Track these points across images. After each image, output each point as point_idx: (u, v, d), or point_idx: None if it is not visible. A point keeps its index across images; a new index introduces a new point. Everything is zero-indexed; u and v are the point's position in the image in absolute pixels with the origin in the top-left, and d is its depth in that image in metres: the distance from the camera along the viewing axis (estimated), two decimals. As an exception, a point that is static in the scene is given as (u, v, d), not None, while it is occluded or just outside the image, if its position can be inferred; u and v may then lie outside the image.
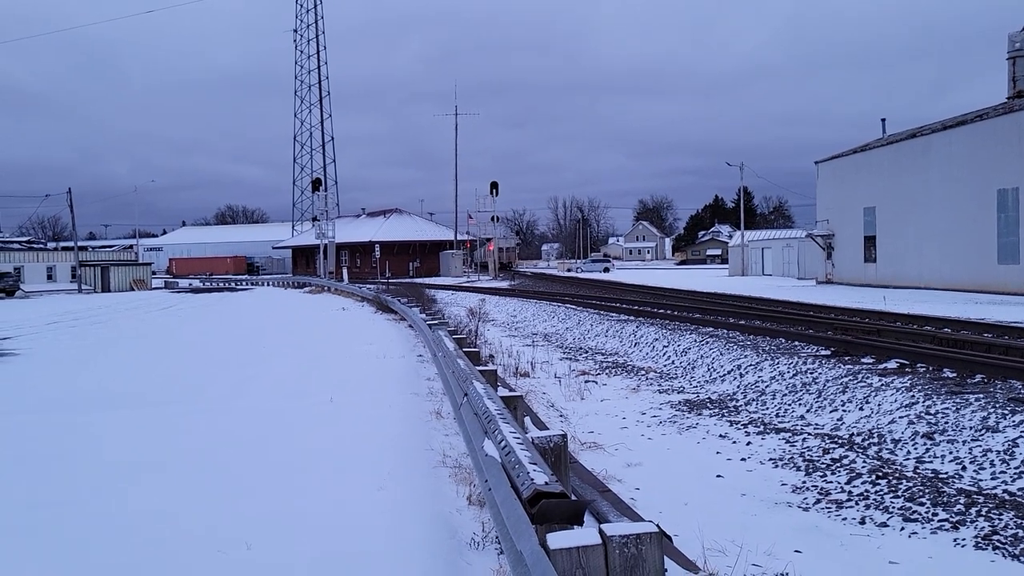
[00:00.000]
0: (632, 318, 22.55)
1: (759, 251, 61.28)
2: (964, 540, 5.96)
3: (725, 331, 17.90)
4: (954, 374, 10.96)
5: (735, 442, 9.31)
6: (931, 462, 7.83)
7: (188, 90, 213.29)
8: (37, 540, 5.64)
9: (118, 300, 45.77)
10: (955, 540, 5.98)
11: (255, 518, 5.95)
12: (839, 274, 40.62)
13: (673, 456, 8.83)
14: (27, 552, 5.41)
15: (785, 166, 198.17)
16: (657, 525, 3.51)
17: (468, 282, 58.27)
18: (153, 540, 5.55)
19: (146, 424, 9.78)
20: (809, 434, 9.37)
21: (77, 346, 20.05)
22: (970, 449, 7.86)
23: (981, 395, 9.40)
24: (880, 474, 7.57)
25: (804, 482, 7.62)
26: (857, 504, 6.90)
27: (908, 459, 8.01)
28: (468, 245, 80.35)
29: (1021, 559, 5.57)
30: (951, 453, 7.91)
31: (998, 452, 7.61)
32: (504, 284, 53.37)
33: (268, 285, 66.96)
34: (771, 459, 8.48)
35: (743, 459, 8.57)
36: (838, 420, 9.79)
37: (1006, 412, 8.45)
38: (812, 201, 45.83)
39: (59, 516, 6.13)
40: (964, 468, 7.51)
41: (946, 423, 8.62)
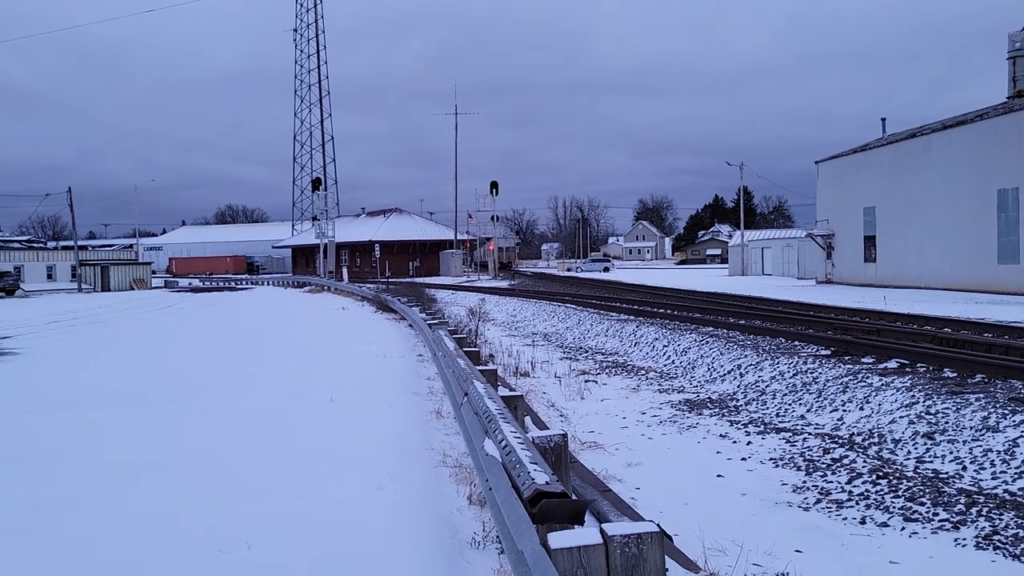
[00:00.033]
0: (632, 318, 22.54)
1: (759, 251, 61.29)
2: (965, 540, 5.96)
3: (725, 331, 17.90)
4: (954, 374, 10.96)
5: (735, 442, 9.30)
6: (932, 462, 7.83)
7: (188, 89, 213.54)
8: (37, 540, 5.63)
9: (118, 299, 45.77)
10: (956, 540, 5.98)
11: (255, 518, 5.95)
12: (839, 274, 40.63)
13: (673, 456, 8.83)
14: (27, 552, 5.41)
15: (785, 166, 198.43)
16: (658, 525, 3.51)
17: (468, 282, 58.26)
18: (153, 540, 5.55)
19: (146, 423, 9.78)
20: (809, 434, 9.37)
21: (77, 345, 20.05)
22: (971, 449, 7.86)
23: (981, 395, 9.39)
24: (880, 474, 7.57)
25: (804, 482, 7.62)
26: (858, 504, 6.90)
27: (908, 459, 8.01)
28: (468, 245, 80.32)
29: (1022, 559, 5.57)
30: (952, 453, 7.91)
31: (999, 452, 7.61)
32: (504, 284, 53.37)
33: (268, 284, 66.97)
34: (771, 459, 8.48)
35: (743, 459, 8.56)
36: (838, 420, 9.79)
37: (1006, 412, 8.45)
38: (812, 201, 45.89)
39: (59, 516, 6.13)
40: (965, 468, 7.51)
41: (946, 423, 8.61)
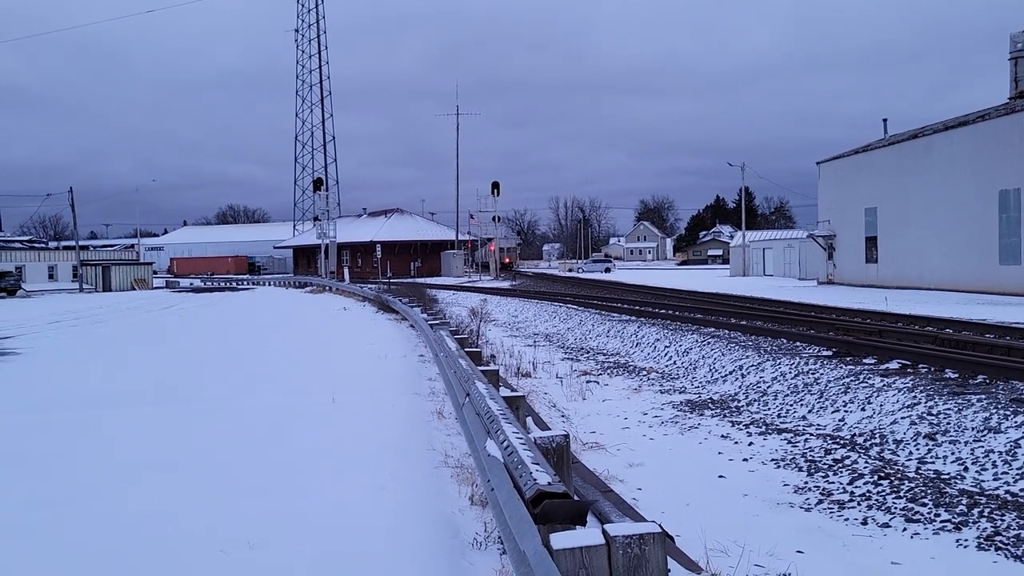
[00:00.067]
0: (633, 318, 22.54)
1: (760, 251, 61.28)
2: (966, 541, 5.95)
3: (727, 331, 17.89)
4: (956, 375, 10.94)
5: (737, 442, 9.30)
6: (933, 463, 7.83)
7: (190, 90, 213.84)
8: (38, 540, 5.64)
9: (119, 299, 45.80)
10: (957, 541, 5.98)
11: (257, 517, 5.96)
12: (840, 275, 40.61)
13: (675, 456, 8.83)
14: (28, 551, 5.41)
15: (786, 166, 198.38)
16: (660, 525, 3.51)
17: (469, 282, 58.26)
18: (154, 539, 5.55)
19: (147, 423, 9.79)
20: (811, 435, 9.37)
21: (78, 345, 20.06)
22: (972, 450, 7.85)
23: (983, 396, 9.39)
24: (882, 475, 7.56)
25: (806, 483, 7.62)
26: (859, 505, 6.90)
27: (910, 460, 8.01)
28: (469, 245, 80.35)
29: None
30: (953, 454, 7.90)
31: (1000, 453, 7.60)
32: (505, 284, 53.37)
33: (269, 285, 66.98)
34: (773, 459, 8.48)
35: (745, 459, 8.56)
36: (840, 421, 9.78)
37: (1008, 413, 8.44)
38: (813, 201, 45.90)
39: (59, 516, 6.13)
40: (966, 469, 7.50)
41: (948, 424, 8.61)
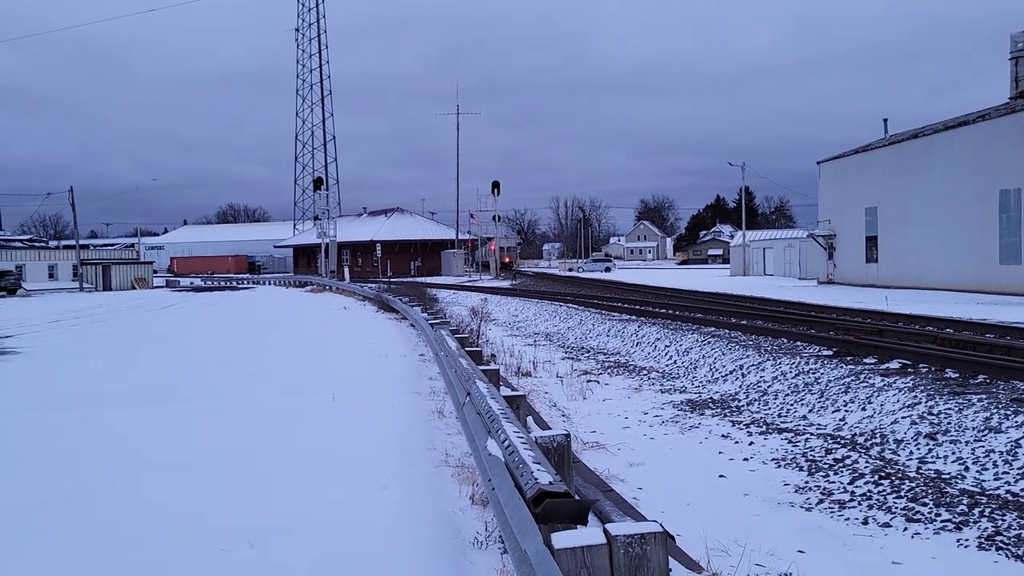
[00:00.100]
0: (634, 318, 22.54)
1: (760, 251, 61.25)
2: (967, 541, 5.95)
3: (727, 331, 17.89)
4: (956, 375, 10.95)
5: (737, 442, 9.30)
6: (934, 462, 7.83)
7: (190, 89, 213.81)
8: (38, 539, 5.64)
9: (120, 299, 45.81)
10: (958, 541, 5.98)
11: (258, 517, 5.96)
12: (840, 274, 40.60)
13: (676, 456, 8.83)
14: (29, 550, 5.42)
15: (787, 166, 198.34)
16: (661, 525, 3.51)
17: (470, 281, 58.27)
18: (155, 539, 5.55)
19: (147, 423, 9.79)
20: (811, 434, 9.37)
21: (78, 345, 20.07)
22: (973, 450, 7.85)
23: (984, 396, 9.39)
24: (883, 474, 7.56)
25: (807, 482, 7.62)
26: (860, 504, 6.90)
27: (911, 459, 8.01)
28: (469, 244, 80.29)
29: (1024, 560, 5.56)
30: (954, 454, 7.90)
31: (1001, 453, 7.60)
32: (506, 284, 53.37)
33: (269, 284, 67.00)
34: (774, 459, 8.48)
35: (746, 459, 8.56)
36: (840, 420, 9.78)
37: (1009, 413, 8.44)
38: (814, 201, 45.90)
39: (60, 515, 6.14)
40: (967, 469, 7.50)
41: (949, 424, 8.61)
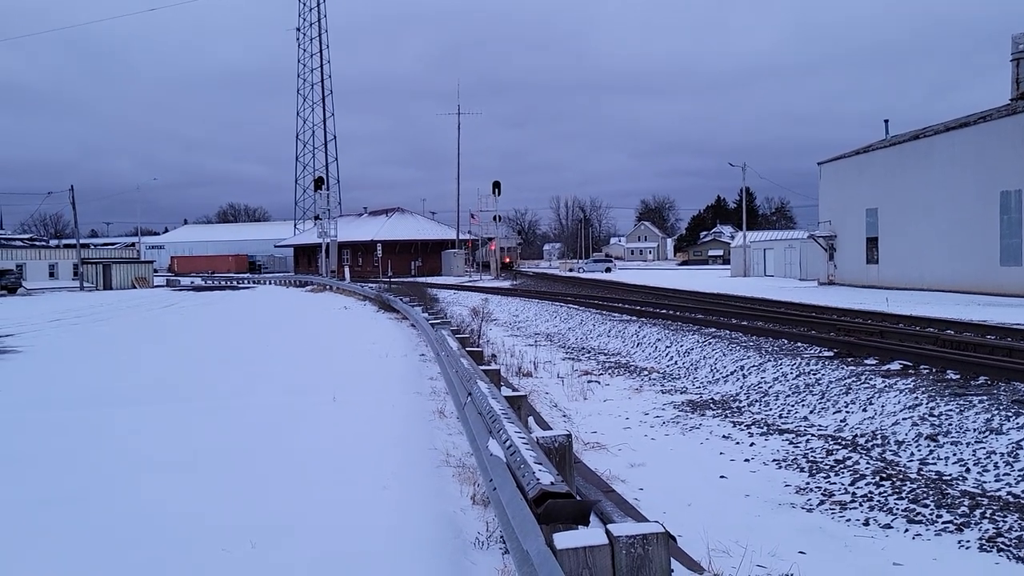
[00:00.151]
0: (634, 318, 22.54)
1: (761, 252, 61.25)
2: (968, 542, 5.95)
3: (728, 332, 17.89)
4: (957, 376, 10.94)
5: (738, 443, 9.30)
6: (935, 464, 7.83)
7: (191, 88, 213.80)
8: (39, 538, 5.64)
9: (120, 298, 45.82)
10: (959, 542, 5.98)
11: (259, 517, 5.96)
12: (841, 275, 40.59)
13: (676, 457, 8.83)
14: (29, 549, 5.41)
15: (788, 167, 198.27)
16: (662, 526, 3.51)
17: (470, 282, 58.26)
18: (156, 538, 5.55)
19: (148, 422, 9.79)
20: (812, 435, 9.37)
21: (79, 344, 20.07)
22: (974, 451, 7.85)
23: (985, 397, 9.38)
24: (884, 475, 7.56)
25: (808, 483, 7.62)
26: (861, 505, 6.90)
27: (912, 461, 8.00)
28: (470, 244, 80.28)
29: (1026, 561, 5.56)
30: (955, 455, 7.90)
31: (1002, 454, 7.60)
32: (506, 284, 53.36)
33: (270, 284, 66.98)
34: (774, 460, 8.48)
35: (746, 460, 8.56)
36: (841, 421, 9.78)
37: (1010, 414, 8.44)
38: (814, 202, 45.86)
39: (60, 515, 6.14)
40: (968, 470, 7.50)
41: (950, 425, 8.61)
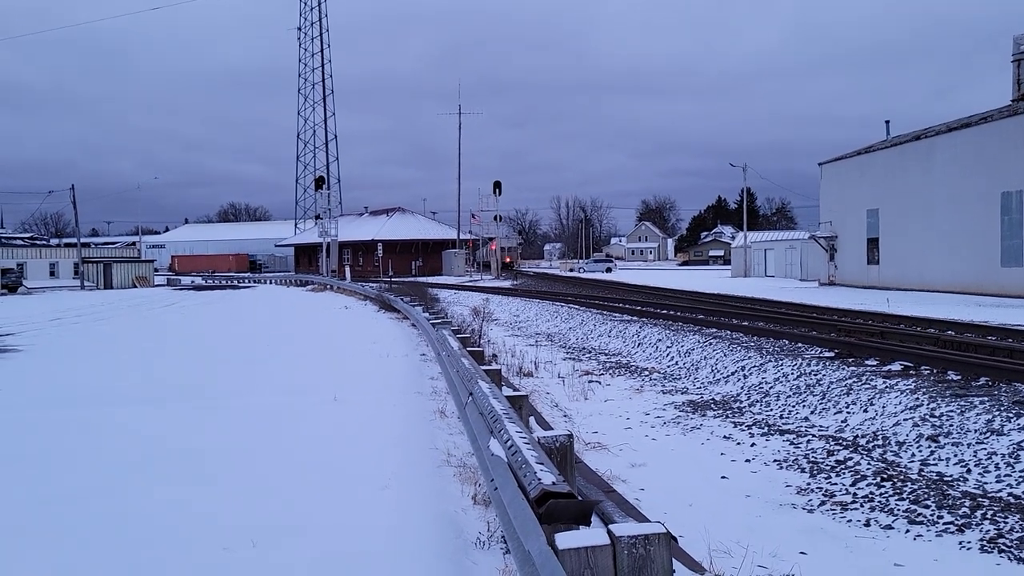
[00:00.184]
0: (635, 318, 22.53)
1: (762, 252, 61.24)
2: (970, 543, 5.95)
3: (728, 332, 17.88)
4: (959, 377, 10.93)
5: (739, 443, 9.30)
6: (936, 465, 7.82)
7: (192, 87, 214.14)
8: (39, 538, 5.64)
9: (121, 297, 45.84)
10: (960, 543, 5.97)
11: (260, 516, 5.96)
12: (842, 276, 40.58)
13: (677, 457, 8.82)
14: (29, 549, 5.41)
15: (788, 167, 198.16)
16: (664, 526, 3.50)
17: (471, 281, 58.26)
18: (157, 538, 5.55)
19: (148, 422, 9.79)
20: (813, 436, 9.36)
21: (80, 343, 20.08)
22: (975, 452, 7.84)
23: (986, 398, 9.38)
24: (885, 476, 7.55)
25: (809, 484, 7.61)
26: (862, 506, 6.89)
27: (913, 461, 8.00)
28: (471, 244, 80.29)
29: (1027, 562, 5.55)
30: (956, 456, 7.89)
31: (1003, 455, 7.59)
32: (507, 284, 53.37)
33: (270, 283, 67.02)
34: (775, 460, 8.47)
35: (747, 460, 8.55)
36: (842, 422, 9.78)
37: (1011, 415, 8.43)
38: (815, 202, 45.85)
39: (61, 514, 6.13)
40: (969, 471, 7.49)
41: (951, 426, 8.60)
